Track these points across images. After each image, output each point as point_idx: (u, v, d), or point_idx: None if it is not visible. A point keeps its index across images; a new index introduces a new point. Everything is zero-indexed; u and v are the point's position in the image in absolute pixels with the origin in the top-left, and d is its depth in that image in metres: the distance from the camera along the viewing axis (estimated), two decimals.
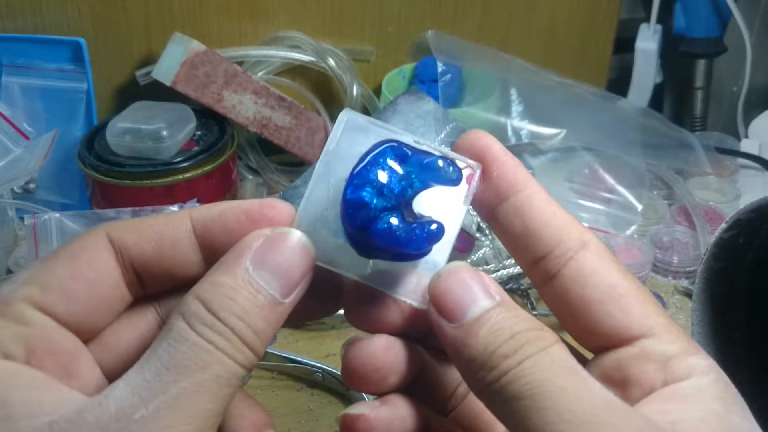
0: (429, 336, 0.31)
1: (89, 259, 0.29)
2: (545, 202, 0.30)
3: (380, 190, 0.29)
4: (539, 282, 0.31)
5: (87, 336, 0.30)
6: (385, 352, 0.30)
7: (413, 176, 0.29)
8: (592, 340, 0.30)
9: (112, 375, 0.30)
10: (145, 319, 0.32)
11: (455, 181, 0.30)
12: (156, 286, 0.31)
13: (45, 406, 0.25)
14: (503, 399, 0.26)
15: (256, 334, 0.27)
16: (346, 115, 0.31)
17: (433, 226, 0.29)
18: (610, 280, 0.29)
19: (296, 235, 0.29)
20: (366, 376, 0.30)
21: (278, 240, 0.28)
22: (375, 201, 0.28)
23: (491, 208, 0.31)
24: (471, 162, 0.30)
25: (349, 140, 0.30)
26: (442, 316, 0.28)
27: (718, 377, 0.28)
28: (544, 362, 0.26)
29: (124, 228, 0.30)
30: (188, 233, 0.30)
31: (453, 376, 0.33)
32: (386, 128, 0.30)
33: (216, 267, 0.28)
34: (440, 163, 0.29)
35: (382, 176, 0.29)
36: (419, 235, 0.29)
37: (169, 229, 0.30)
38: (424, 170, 0.29)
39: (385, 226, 0.28)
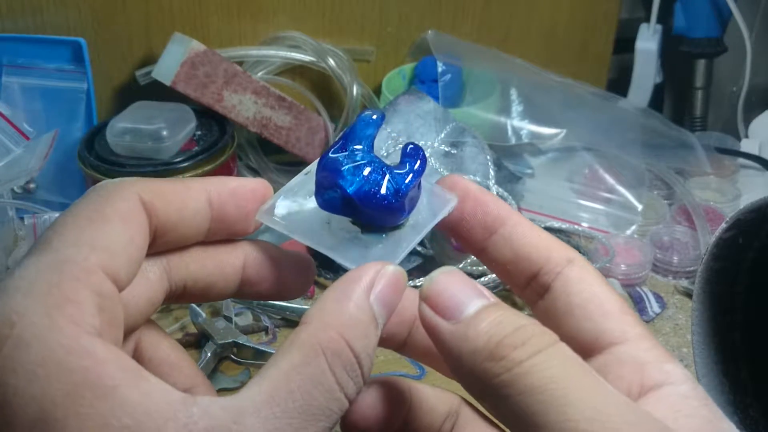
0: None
1: (139, 223, 0.29)
2: (530, 228, 0.33)
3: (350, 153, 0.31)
4: (532, 300, 0.33)
5: None
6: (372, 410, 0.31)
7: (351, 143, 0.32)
8: (571, 347, 0.30)
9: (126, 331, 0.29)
10: (153, 273, 0.32)
11: (377, 120, 0.32)
12: (159, 248, 0.31)
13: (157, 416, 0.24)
14: (514, 392, 0.25)
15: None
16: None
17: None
18: (594, 288, 0.31)
19: (405, 276, 0.29)
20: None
21: (398, 280, 0.29)
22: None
23: (481, 242, 0.33)
24: (450, 194, 0.33)
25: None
26: (437, 314, 0.27)
27: (696, 385, 0.29)
28: (558, 357, 0.25)
29: (154, 192, 0.30)
30: (207, 204, 0.31)
31: (439, 411, 0.33)
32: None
33: (341, 297, 0.28)
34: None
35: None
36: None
37: (191, 200, 0.31)
38: (352, 132, 0.32)
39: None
